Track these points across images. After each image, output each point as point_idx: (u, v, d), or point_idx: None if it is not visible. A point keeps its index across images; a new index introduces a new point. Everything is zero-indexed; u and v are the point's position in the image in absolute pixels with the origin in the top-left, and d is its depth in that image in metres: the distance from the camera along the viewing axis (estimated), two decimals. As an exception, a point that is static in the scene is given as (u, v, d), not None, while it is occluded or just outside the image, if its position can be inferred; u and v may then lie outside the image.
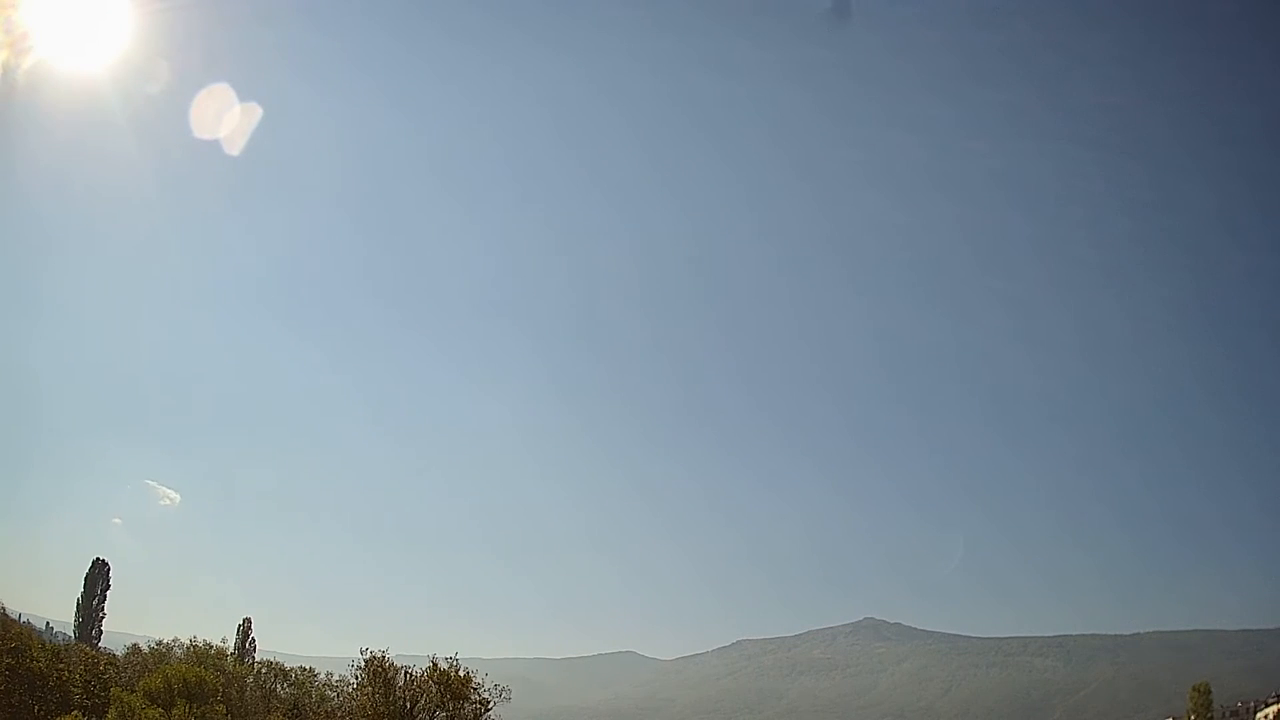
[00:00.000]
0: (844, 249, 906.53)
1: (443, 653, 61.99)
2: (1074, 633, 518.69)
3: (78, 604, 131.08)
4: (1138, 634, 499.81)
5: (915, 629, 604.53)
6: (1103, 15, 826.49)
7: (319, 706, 77.32)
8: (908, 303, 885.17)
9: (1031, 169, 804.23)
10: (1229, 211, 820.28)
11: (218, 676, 68.82)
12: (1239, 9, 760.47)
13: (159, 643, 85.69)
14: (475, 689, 61.56)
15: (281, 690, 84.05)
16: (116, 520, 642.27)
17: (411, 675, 61.55)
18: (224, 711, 63.85)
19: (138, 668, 77.49)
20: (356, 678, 63.20)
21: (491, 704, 62.45)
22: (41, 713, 63.44)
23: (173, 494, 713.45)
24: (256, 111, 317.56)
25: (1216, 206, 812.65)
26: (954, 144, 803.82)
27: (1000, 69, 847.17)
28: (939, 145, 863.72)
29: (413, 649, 67.62)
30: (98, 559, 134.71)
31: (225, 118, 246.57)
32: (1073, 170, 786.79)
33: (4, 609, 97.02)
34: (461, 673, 61.11)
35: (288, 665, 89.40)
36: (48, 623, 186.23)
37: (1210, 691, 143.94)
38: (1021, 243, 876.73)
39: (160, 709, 58.76)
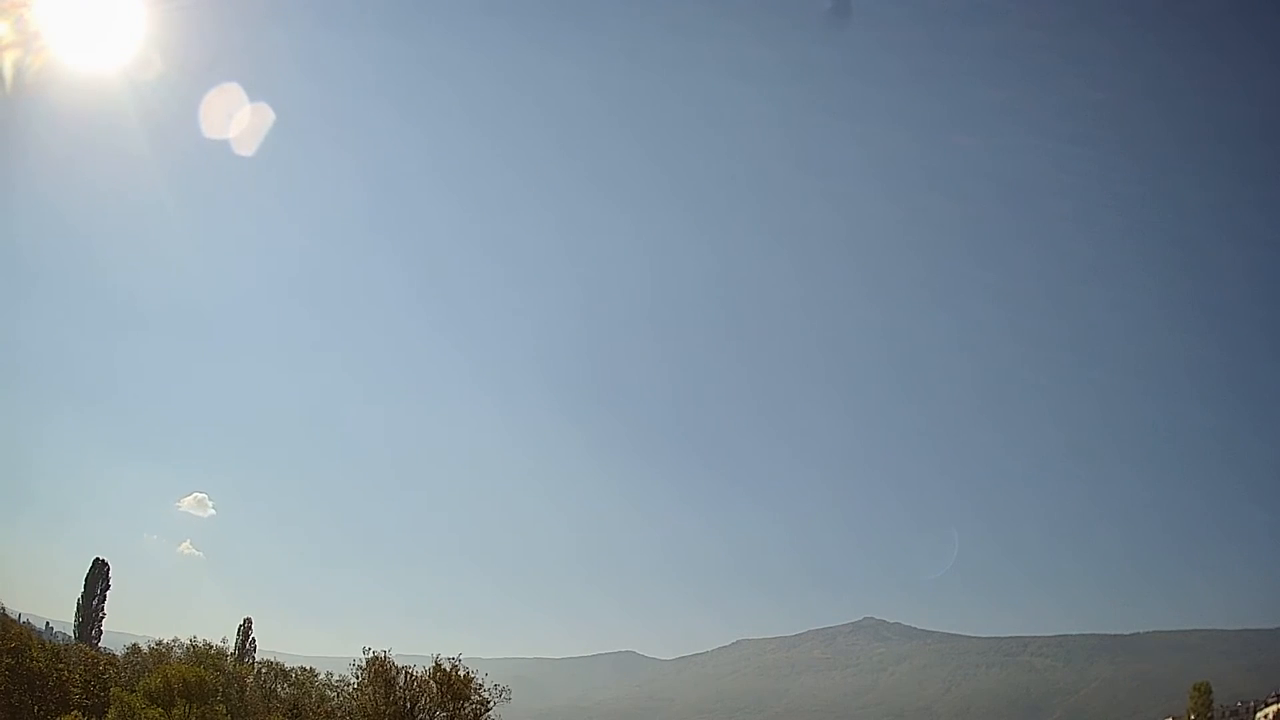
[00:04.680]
0: (837, 246, 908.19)
1: (444, 653, 62.14)
2: (1074, 633, 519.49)
3: (78, 604, 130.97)
4: (1138, 634, 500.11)
5: (915, 629, 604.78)
6: (1093, 13, 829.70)
7: (319, 706, 77.28)
8: (904, 301, 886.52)
9: (1023, 164, 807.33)
10: (1220, 206, 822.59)
11: (218, 676, 68.80)
12: (1228, 5, 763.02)
13: (159, 643, 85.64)
14: (476, 689, 61.59)
15: (281, 690, 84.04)
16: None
17: (412, 675, 61.57)
18: (224, 711, 63.84)
19: (138, 668, 77.47)
20: (357, 677, 63.22)
21: (491, 704, 62.47)
22: (41, 713, 63.43)
23: (171, 495, 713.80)
24: (266, 112, 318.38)
25: (1207, 201, 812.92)
26: (945, 140, 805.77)
27: (992, 66, 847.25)
28: (931, 141, 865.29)
29: (413, 649, 67.68)
30: (98, 559, 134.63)
31: (235, 117, 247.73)
32: (1064, 165, 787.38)
33: (4, 609, 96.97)
34: (462, 673, 61.14)
35: (288, 665, 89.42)
36: (48, 623, 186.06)
37: (1210, 691, 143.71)
38: (1013, 238, 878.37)
39: (160, 709, 58.72)
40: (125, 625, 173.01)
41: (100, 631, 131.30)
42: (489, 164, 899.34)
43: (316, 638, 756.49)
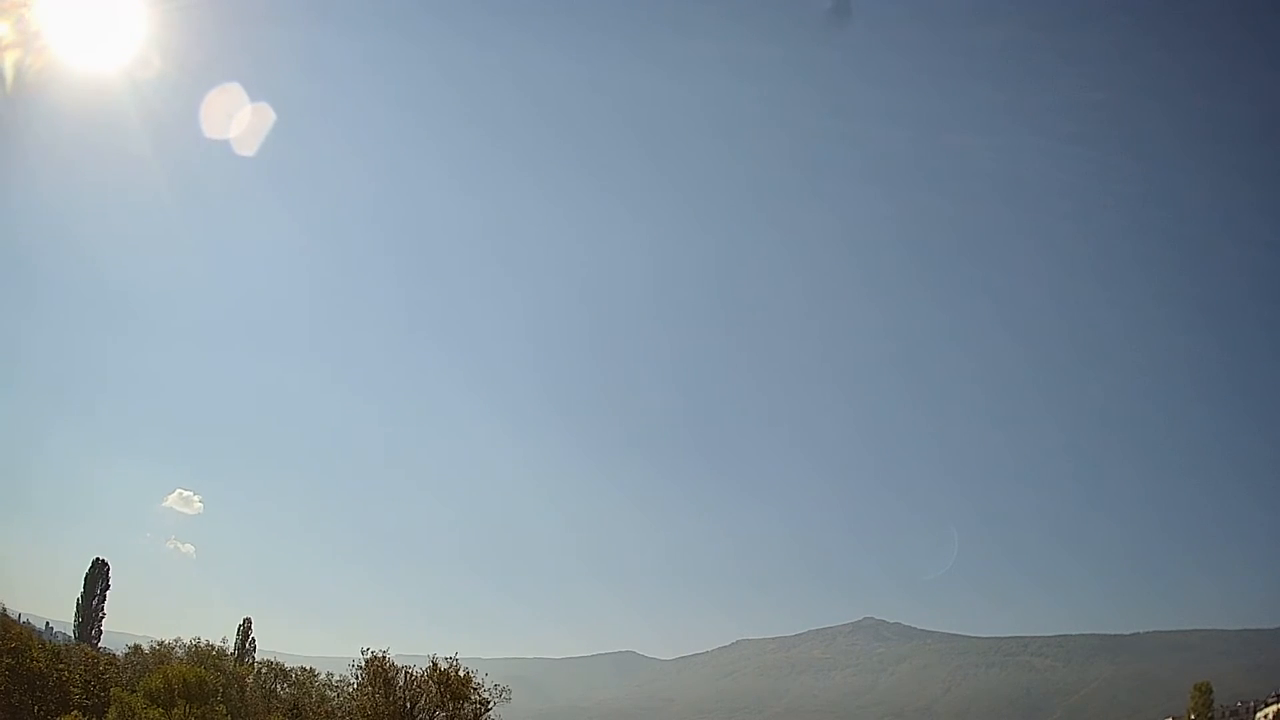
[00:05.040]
0: (838, 245, 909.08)
1: (443, 653, 62.06)
2: (1074, 633, 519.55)
3: (78, 604, 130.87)
4: (1138, 634, 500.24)
5: (915, 629, 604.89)
6: (1092, 13, 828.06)
7: (319, 706, 77.29)
8: (903, 299, 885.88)
9: (1022, 164, 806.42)
10: (1219, 205, 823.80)
11: (218, 677, 68.86)
12: (1228, 5, 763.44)
13: (160, 643, 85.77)
14: (475, 689, 61.53)
15: (281, 690, 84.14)
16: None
17: (412, 675, 61.53)
18: (224, 712, 63.88)
19: (138, 668, 77.56)
20: (357, 678, 63.17)
21: (491, 704, 62.39)
22: (41, 713, 63.47)
23: (176, 495, 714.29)
24: (267, 112, 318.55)
25: (1206, 201, 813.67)
26: (945, 139, 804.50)
27: (991, 66, 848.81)
28: (930, 140, 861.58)
29: (413, 649, 67.67)
30: (98, 559, 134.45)
31: (236, 117, 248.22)
32: (1063, 165, 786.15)
33: (4, 609, 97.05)
34: (461, 673, 61.08)
35: (288, 665, 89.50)
36: (48, 623, 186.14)
37: (1211, 691, 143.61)
38: (1013, 237, 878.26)
39: (161, 709, 58.77)
40: (125, 625, 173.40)
41: (100, 631, 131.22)
42: (490, 163, 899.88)
43: (316, 638, 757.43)
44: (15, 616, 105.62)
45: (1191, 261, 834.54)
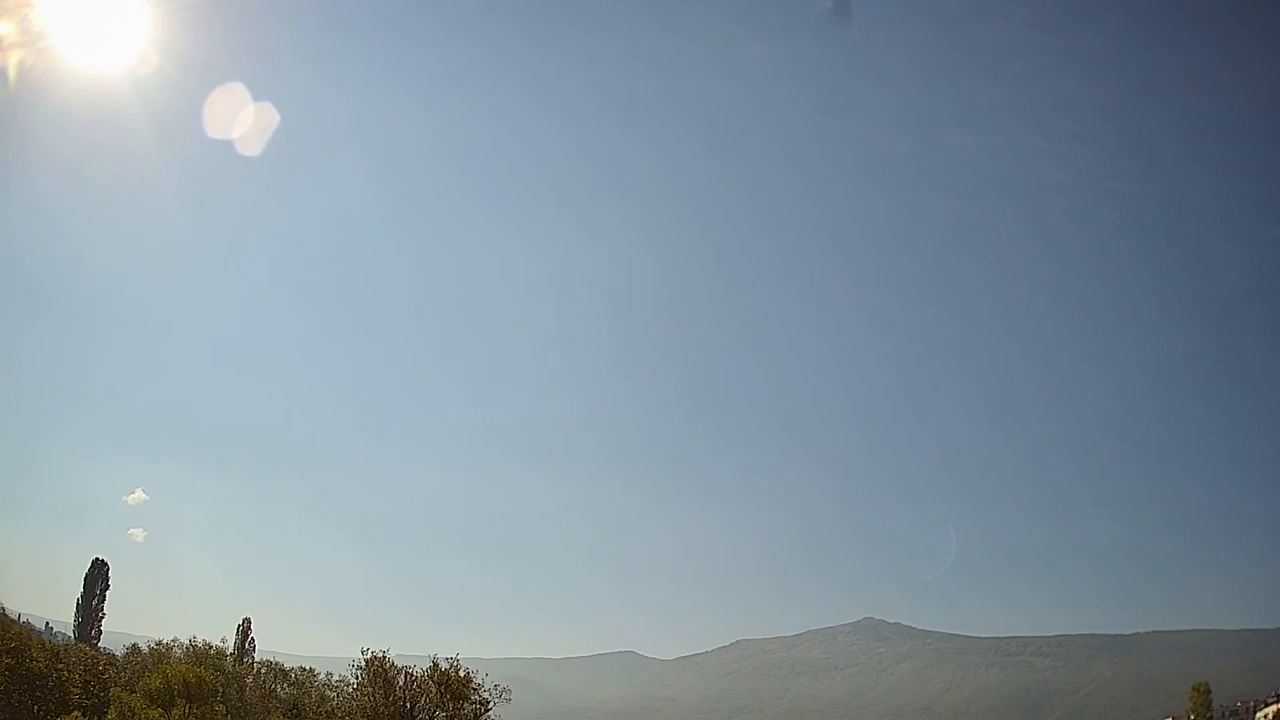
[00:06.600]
0: (837, 244, 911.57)
1: (443, 653, 62.09)
2: (1074, 633, 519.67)
3: (77, 604, 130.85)
4: (1137, 634, 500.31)
5: (915, 629, 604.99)
6: (1090, 12, 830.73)
7: (319, 706, 77.23)
8: (901, 298, 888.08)
9: (1020, 162, 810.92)
10: (1215, 203, 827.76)
11: (218, 676, 68.84)
12: (1227, 5, 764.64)
13: (159, 643, 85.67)
14: (475, 689, 61.55)
15: (281, 690, 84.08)
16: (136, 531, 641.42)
17: (412, 675, 61.53)
18: (224, 711, 63.89)
19: (138, 668, 77.53)
20: (357, 678, 63.15)
21: (491, 704, 62.44)
22: (41, 713, 63.50)
23: (176, 495, 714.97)
24: (270, 112, 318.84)
25: (1203, 199, 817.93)
26: (943, 138, 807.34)
27: (990, 65, 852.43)
28: (929, 139, 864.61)
29: (413, 649, 67.75)
30: (97, 559, 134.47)
31: (239, 117, 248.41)
32: (1061, 163, 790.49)
33: (4, 609, 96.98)
34: (461, 673, 61.09)
35: (288, 665, 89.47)
36: (48, 623, 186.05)
37: (1210, 691, 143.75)
38: (1011, 235, 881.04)
39: (160, 709, 58.78)
40: (125, 625, 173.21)
41: (100, 631, 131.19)
42: (493, 163, 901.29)
43: (316, 638, 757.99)
44: (15, 616, 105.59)
45: (1190, 260, 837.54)
